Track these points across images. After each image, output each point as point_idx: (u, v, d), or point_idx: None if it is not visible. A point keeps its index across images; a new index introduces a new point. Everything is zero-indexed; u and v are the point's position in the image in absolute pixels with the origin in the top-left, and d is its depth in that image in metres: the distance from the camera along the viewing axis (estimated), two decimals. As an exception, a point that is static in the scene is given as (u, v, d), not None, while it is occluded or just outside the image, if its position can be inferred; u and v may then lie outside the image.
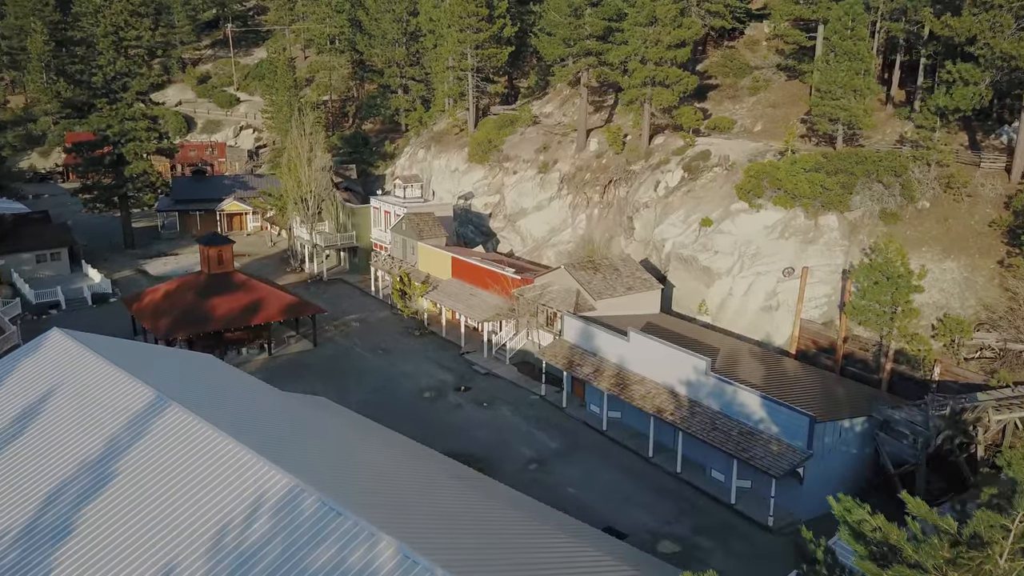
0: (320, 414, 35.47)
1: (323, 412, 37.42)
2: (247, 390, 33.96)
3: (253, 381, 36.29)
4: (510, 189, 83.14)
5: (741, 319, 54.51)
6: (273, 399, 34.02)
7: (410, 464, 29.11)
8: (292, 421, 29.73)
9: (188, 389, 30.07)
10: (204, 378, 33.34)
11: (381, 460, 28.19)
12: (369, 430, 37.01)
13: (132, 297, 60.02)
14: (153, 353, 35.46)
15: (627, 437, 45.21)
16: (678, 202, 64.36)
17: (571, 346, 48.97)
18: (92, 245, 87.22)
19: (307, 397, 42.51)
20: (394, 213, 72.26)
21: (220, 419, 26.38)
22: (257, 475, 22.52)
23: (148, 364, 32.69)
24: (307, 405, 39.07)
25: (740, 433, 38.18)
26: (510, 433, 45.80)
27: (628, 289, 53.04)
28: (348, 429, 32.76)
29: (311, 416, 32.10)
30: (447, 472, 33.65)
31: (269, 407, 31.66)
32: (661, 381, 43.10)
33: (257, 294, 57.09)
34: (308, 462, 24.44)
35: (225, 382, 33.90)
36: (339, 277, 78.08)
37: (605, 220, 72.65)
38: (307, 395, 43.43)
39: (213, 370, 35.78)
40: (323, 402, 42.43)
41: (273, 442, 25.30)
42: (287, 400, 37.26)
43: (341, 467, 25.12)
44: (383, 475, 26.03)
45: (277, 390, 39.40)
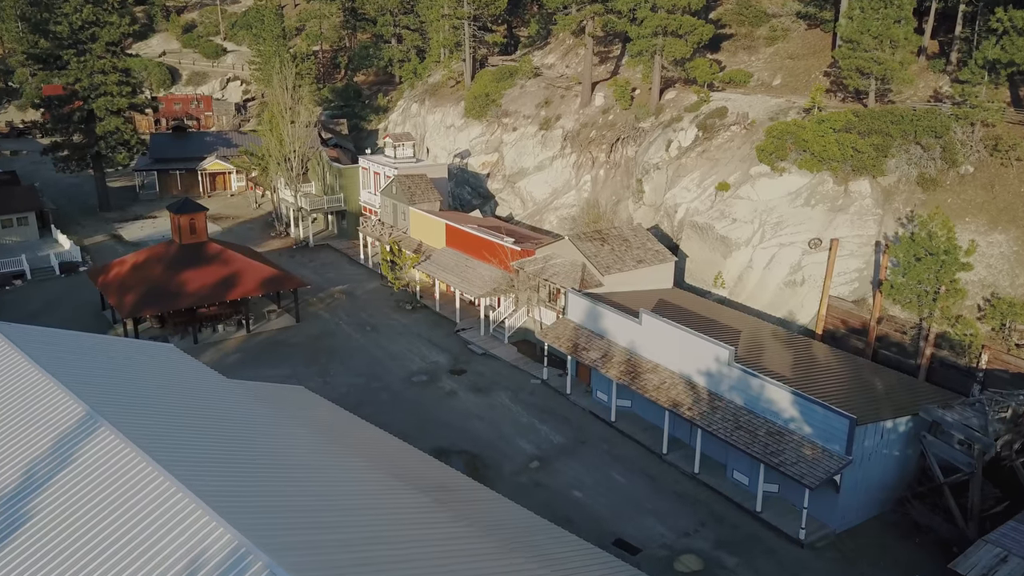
0: (291, 416, 31.04)
1: (296, 411, 33.02)
2: (207, 392, 29.47)
3: (216, 379, 31.77)
4: (509, 147, 77.87)
5: (761, 294, 49.89)
6: (237, 401, 29.55)
7: (384, 490, 24.76)
8: (252, 436, 25.29)
9: (132, 399, 25.56)
10: (156, 381, 28.82)
11: (351, 487, 23.84)
12: (348, 432, 32.63)
13: (98, 269, 55.28)
14: (99, 348, 30.89)
15: (638, 430, 40.93)
16: (692, 164, 59.28)
17: (576, 327, 44.42)
18: (65, 208, 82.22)
19: (283, 388, 38.10)
20: (384, 174, 67.14)
21: (160, 443, 21.97)
22: (196, 528, 18.16)
23: (89, 365, 28.17)
24: (280, 400, 34.73)
25: (768, 433, 33.83)
26: (509, 425, 41.51)
27: (639, 262, 48.30)
28: (321, 438, 28.32)
29: (278, 425, 27.64)
30: (432, 487, 29.37)
31: (229, 416, 27.18)
32: (677, 370, 38.65)
33: (233, 266, 52.36)
34: (260, 503, 20.03)
35: (181, 384, 29.39)
36: (326, 243, 73.23)
37: (612, 182, 67.59)
38: (283, 385, 39.00)
39: (169, 367, 31.25)
40: (300, 393, 38.03)
41: (221, 476, 20.85)
42: (257, 396, 32.88)
43: (300, 506, 20.72)
44: (348, 511, 21.69)
45: (245, 385, 34.99)
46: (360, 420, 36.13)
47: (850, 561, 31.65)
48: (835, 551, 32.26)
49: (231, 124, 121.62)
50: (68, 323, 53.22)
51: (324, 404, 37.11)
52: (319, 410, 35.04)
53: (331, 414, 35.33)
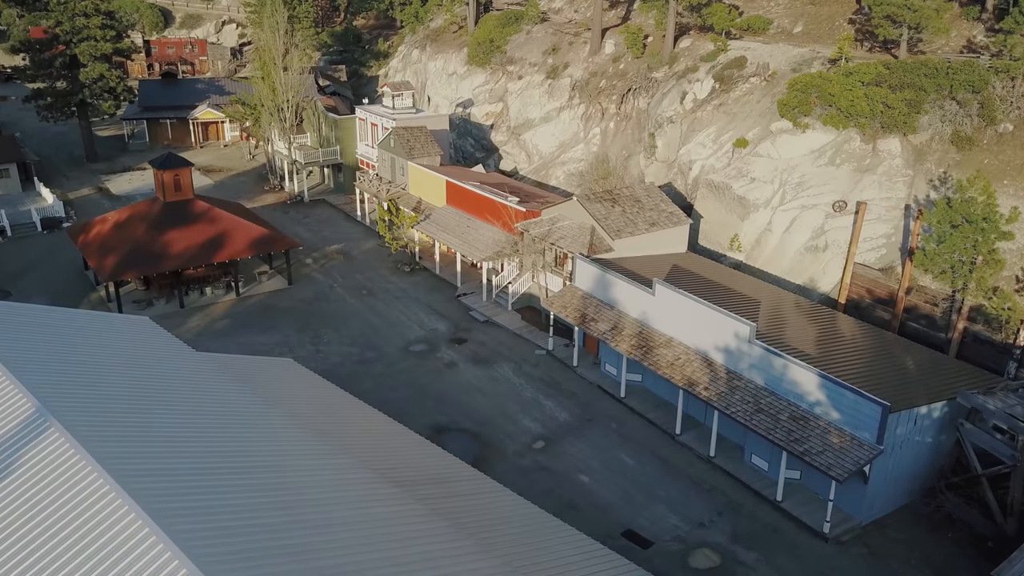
0: (272, 401, 28.54)
1: (279, 392, 30.52)
2: (180, 376, 26.91)
3: (192, 359, 29.18)
4: (514, 97, 74.16)
5: (780, 259, 47.01)
6: (214, 385, 27.00)
7: (369, 500, 22.30)
8: (222, 434, 22.75)
9: (92, 389, 23.00)
10: (123, 364, 26.23)
11: (330, 494, 21.36)
12: (336, 417, 30.15)
13: (78, 228, 52.39)
14: (64, 325, 28.26)
15: (649, 407, 38.49)
16: (708, 118, 55.82)
17: (584, 295, 41.70)
18: (51, 158, 79.03)
19: (269, 362, 35.59)
20: (382, 126, 63.72)
21: (119, 446, 19.46)
22: (148, 558, 15.72)
23: (49, 347, 25.58)
24: (264, 378, 32.24)
25: (791, 418, 31.31)
26: (512, 400, 39.08)
27: (651, 225, 45.32)
28: (304, 431, 25.81)
29: (254, 416, 25.12)
30: (427, 479, 27.00)
31: (201, 405, 24.64)
32: (693, 345, 36.02)
33: (221, 226, 49.46)
34: (222, 526, 17.53)
35: (152, 367, 26.81)
36: (322, 198, 70.11)
37: (622, 135, 64.14)
38: (270, 359, 36.48)
39: (141, 346, 28.66)
40: (287, 368, 35.51)
41: (180, 490, 18.35)
42: (237, 375, 30.36)
43: (266, 526, 18.25)
44: (324, 530, 19.22)
45: (227, 362, 32.45)
46: (352, 399, 33.64)
47: (879, 557, 29.40)
48: (862, 546, 30.00)
49: (227, 70, 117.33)
50: (48, 285, 50.68)
51: (313, 380, 34.59)
52: (306, 389, 32.52)
53: (320, 393, 32.83)
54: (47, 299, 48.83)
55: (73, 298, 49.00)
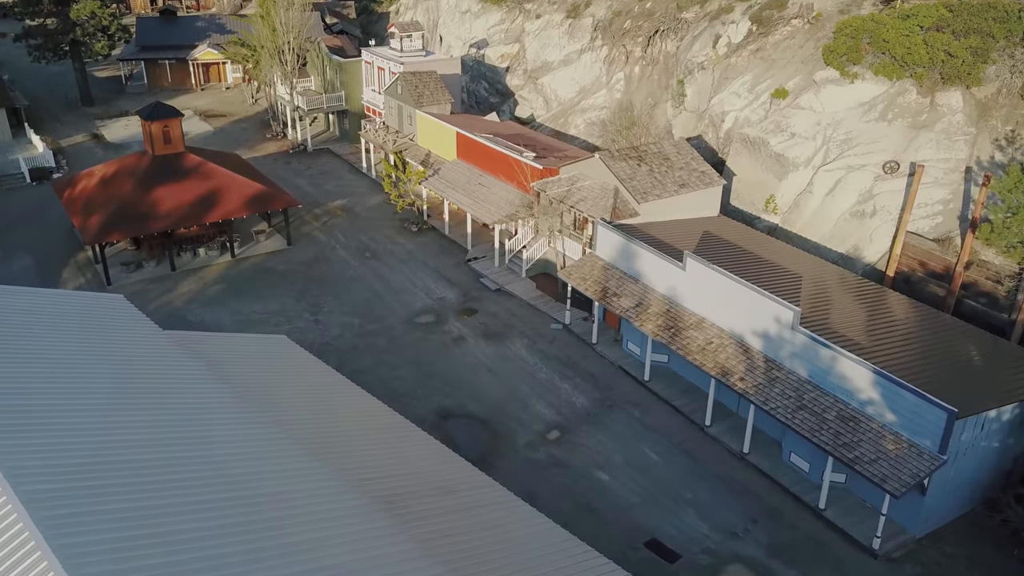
0: (255, 398, 25.26)
1: (265, 382, 27.23)
2: (147, 372, 23.63)
3: (165, 347, 25.83)
4: (532, 38, 69.15)
5: (821, 224, 42.86)
6: (185, 381, 23.73)
7: (348, 513, 19.13)
8: (186, 450, 19.48)
9: (38, 399, 19.75)
10: (86, 358, 22.96)
11: (296, 510, 18.17)
12: (328, 413, 26.84)
13: (64, 182, 48.81)
14: (22, 309, 24.96)
15: (676, 393, 35.03)
16: (743, 64, 50.99)
17: (605, 266, 37.94)
18: (45, 102, 75.17)
19: (258, 342, 32.31)
20: (389, 70, 59.25)
21: (60, 490, 16.24)
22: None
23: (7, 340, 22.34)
24: (249, 365, 28.99)
25: (839, 418, 27.76)
26: (525, 382, 35.72)
27: (681, 186, 41.19)
28: (286, 440, 22.53)
29: (224, 424, 21.81)
30: (431, 490, 23.79)
31: (163, 415, 21.33)
32: (727, 327, 32.34)
33: (214, 182, 45.77)
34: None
35: (117, 361, 23.51)
36: (326, 147, 66.03)
37: (648, 81, 59.37)
38: (260, 337, 33.18)
39: (108, 332, 25.36)
40: (279, 347, 32.20)
41: (111, 529, 15.15)
42: (218, 362, 27.12)
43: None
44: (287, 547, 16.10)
45: (211, 343, 29.14)
46: (347, 384, 30.26)
47: (935, 579, 26.18)
48: (916, 563, 26.71)
49: (232, 6, 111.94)
50: (34, 243, 47.52)
51: (305, 362, 31.23)
52: (293, 374, 29.19)
53: (309, 378, 29.51)
54: (32, 259, 45.76)
55: (59, 258, 45.84)
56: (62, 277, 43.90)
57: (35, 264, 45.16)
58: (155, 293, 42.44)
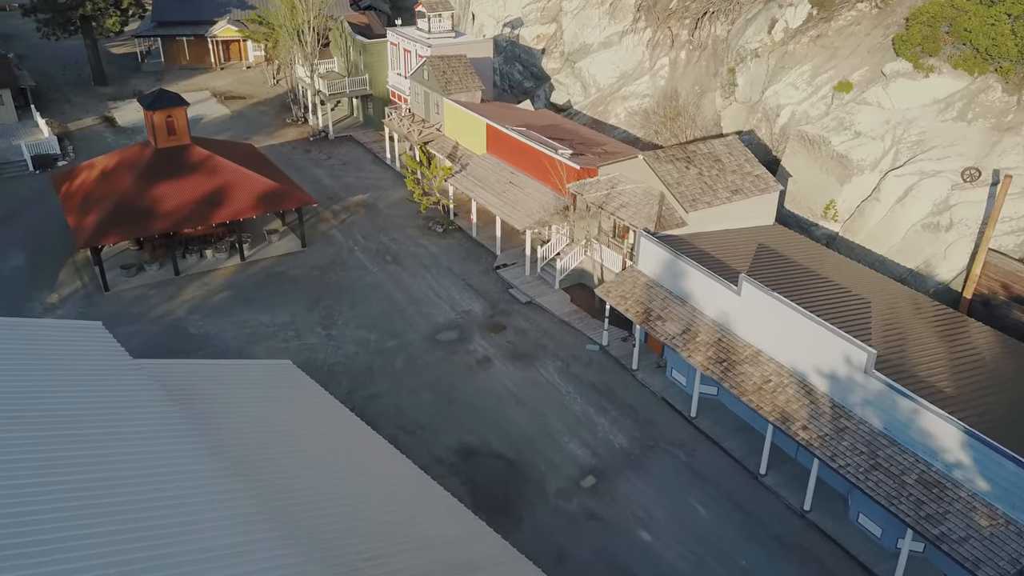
0: (241, 426, 21.88)
1: (251, 418, 23.84)
2: (113, 428, 20.25)
3: (142, 389, 22.44)
4: (570, 17, 64.70)
5: (887, 235, 38.55)
6: (157, 443, 20.35)
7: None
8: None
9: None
10: (44, 411, 19.64)
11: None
12: (319, 457, 23.41)
13: (63, 174, 45.69)
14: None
15: (727, 432, 31.23)
16: (802, 52, 46.38)
17: (648, 283, 34.06)
18: (56, 80, 72.21)
19: (258, 370, 28.99)
20: (416, 53, 55.32)
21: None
22: None
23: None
24: (241, 397, 25.69)
25: (921, 482, 23.86)
26: (557, 414, 32.10)
27: (734, 192, 37.05)
28: (274, 517, 19.12)
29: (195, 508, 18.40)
30: (452, 566, 20.31)
31: (119, 493, 17.95)
32: (787, 363, 28.44)
33: (222, 178, 42.38)
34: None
35: (81, 416, 20.17)
36: (349, 134, 62.39)
37: (695, 68, 54.86)
38: (265, 365, 29.87)
39: (80, 377, 22.04)
40: (281, 376, 28.84)
41: None
42: (200, 388, 23.82)
43: None
44: None
45: (201, 372, 25.80)
46: (357, 426, 26.84)
47: None
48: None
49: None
50: (31, 239, 44.60)
51: (309, 399, 27.83)
52: (293, 421, 25.74)
53: (314, 421, 26.12)
54: (26, 258, 42.87)
55: (56, 257, 42.87)
56: (57, 280, 40.93)
57: (29, 264, 42.24)
58: (155, 300, 39.33)
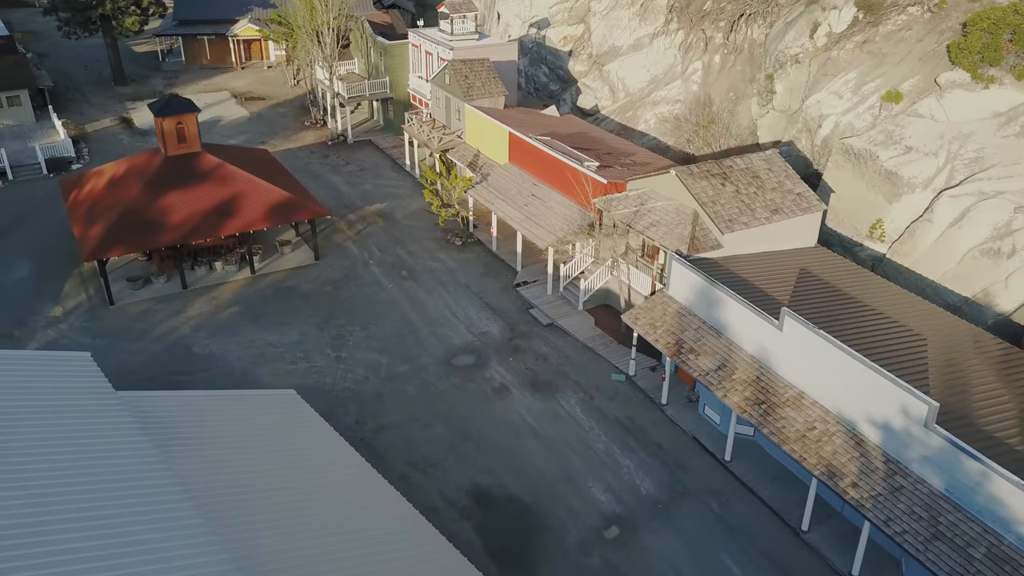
0: (227, 468, 19.77)
1: (253, 468, 21.73)
2: (92, 477, 18.24)
3: (114, 432, 20.40)
4: (598, 18, 62.11)
5: (941, 260, 35.64)
6: (138, 488, 18.30)
7: None
8: None
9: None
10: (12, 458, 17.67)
11: None
12: (327, 510, 21.23)
13: (72, 181, 43.99)
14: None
15: (765, 479, 28.63)
16: (847, 59, 43.46)
17: (680, 311, 31.52)
18: (76, 80, 70.93)
19: (258, 403, 26.93)
20: (438, 55, 53.06)
21: None
22: None
23: None
24: (241, 432, 23.67)
25: (991, 556, 21.17)
26: (578, 453, 29.69)
27: (774, 212, 34.36)
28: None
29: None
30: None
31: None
32: (834, 409, 25.81)
33: (233, 187, 40.42)
34: None
35: (57, 467, 18.17)
36: (368, 138, 60.28)
37: (730, 73, 52.07)
38: (265, 396, 27.81)
39: (55, 417, 20.06)
40: (281, 413, 26.78)
41: None
42: (190, 426, 21.78)
43: None
44: None
45: (195, 403, 23.75)
46: (361, 469, 24.69)
47: None
48: None
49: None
50: (37, 248, 43.05)
51: (311, 433, 25.72)
52: (292, 459, 23.63)
53: (312, 463, 23.96)
54: (32, 268, 41.26)
55: (63, 267, 41.21)
56: (63, 292, 39.23)
57: (35, 274, 40.62)
58: (161, 316, 37.47)
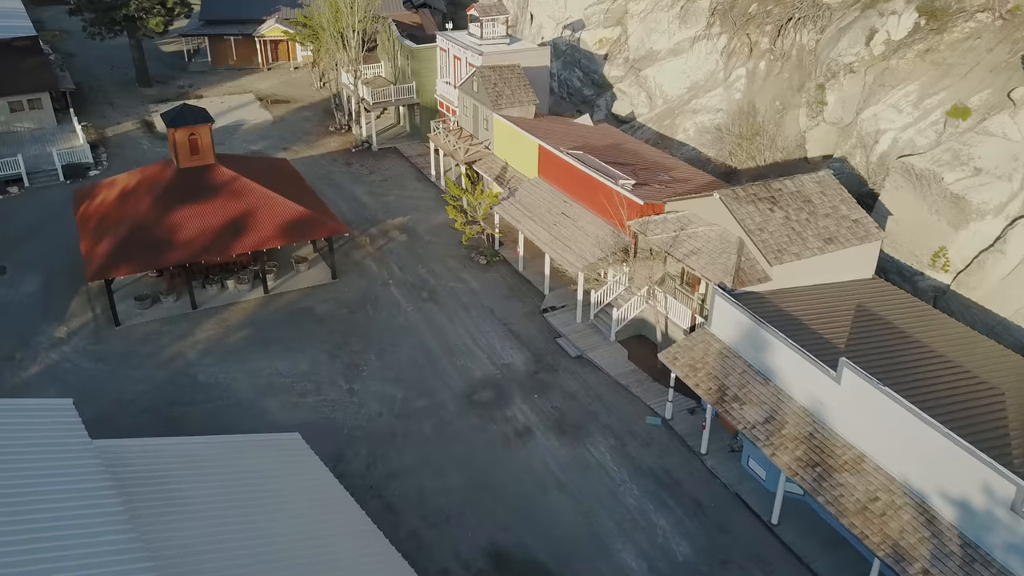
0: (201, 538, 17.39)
1: (240, 535, 19.35)
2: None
3: (81, 494, 18.12)
4: (636, 20, 59.10)
5: (1013, 295, 32.29)
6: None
7: None
8: None
9: None
10: None
11: None
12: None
13: (85, 191, 42.13)
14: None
15: (817, 547, 25.68)
16: (907, 69, 40.10)
17: (723, 351, 28.64)
18: (101, 81, 69.53)
19: (261, 448, 24.63)
20: (466, 60, 50.49)
21: None
22: None
23: None
24: (240, 479, 21.39)
25: (1088, 666, 18.12)
26: (608, 509, 26.96)
27: (827, 241, 31.27)
28: None
29: None
30: None
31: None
32: (900, 476, 22.80)
33: (247, 202, 38.23)
34: None
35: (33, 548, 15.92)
36: (393, 145, 57.90)
37: (776, 80, 48.82)
38: (265, 441, 25.49)
39: (27, 473, 17.87)
40: (285, 453, 24.50)
41: None
42: (183, 496, 19.49)
43: None
44: None
45: (184, 450, 21.46)
46: (365, 528, 22.24)
47: None
48: None
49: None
50: (47, 260, 41.53)
51: (311, 486, 23.32)
52: (284, 518, 21.19)
53: (306, 524, 21.49)
54: (41, 282, 39.56)
55: (70, 282, 39.39)
56: (68, 310, 37.38)
57: (43, 289, 38.87)
58: (167, 339, 35.43)
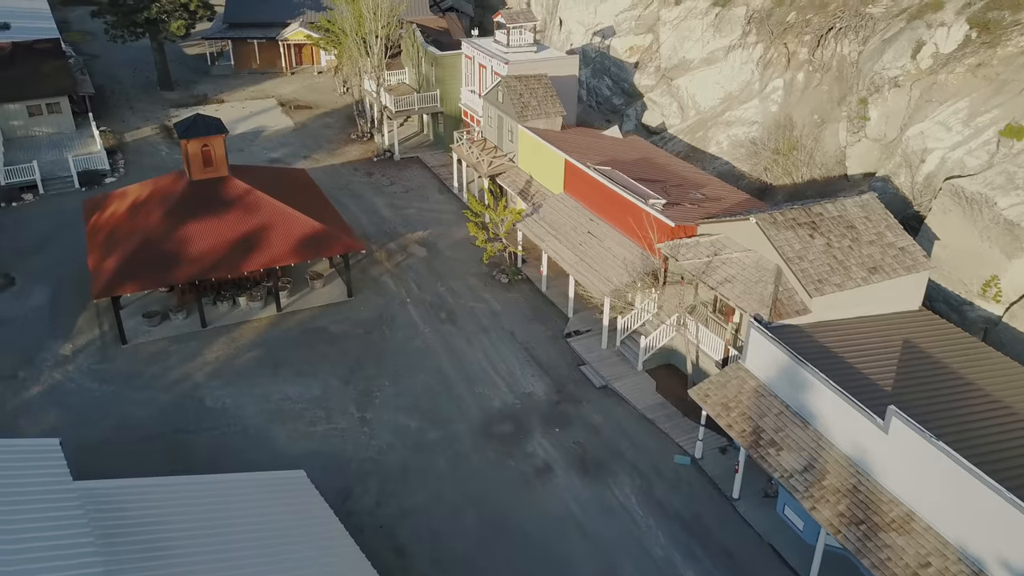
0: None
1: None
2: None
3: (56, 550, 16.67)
4: (668, 28, 57.14)
5: (1073, 330, 30.05)
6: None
7: None
8: None
9: None
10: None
11: None
12: None
13: (96, 202, 41.02)
14: None
15: (857, 607, 23.72)
16: (957, 84, 37.84)
17: (759, 389, 26.69)
18: (123, 83, 68.79)
19: (263, 487, 23.13)
20: (492, 69, 48.84)
21: None
22: None
23: None
24: (232, 524, 19.86)
25: None
26: (632, 558, 25.12)
27: (872, 271, 29.18)
28: None
29: None
30: None
31: None
32: (955, 540, 20.75)
33: (261, 217, 36.85)
34: None
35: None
36: (415, 154, 56.38)
37: (815, 93, 46.67)
38: (264, 480, 23.98)
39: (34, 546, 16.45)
40: (288, 493, 23.00)
41: None
42: (169, 547, 18.01)
43: None
44: None
45: (175, 492, 19.98)
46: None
47: None
48: None
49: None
50: (57, 271, 40.46)
51: (311, 534, 21.74)
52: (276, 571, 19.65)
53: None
54: (49, 295, 38.47)
55: (79, 296, 38.24)
56: (75, 326, 36.21)
57: (51, 303, 37.77)
58: (175, 359, 34.11)
